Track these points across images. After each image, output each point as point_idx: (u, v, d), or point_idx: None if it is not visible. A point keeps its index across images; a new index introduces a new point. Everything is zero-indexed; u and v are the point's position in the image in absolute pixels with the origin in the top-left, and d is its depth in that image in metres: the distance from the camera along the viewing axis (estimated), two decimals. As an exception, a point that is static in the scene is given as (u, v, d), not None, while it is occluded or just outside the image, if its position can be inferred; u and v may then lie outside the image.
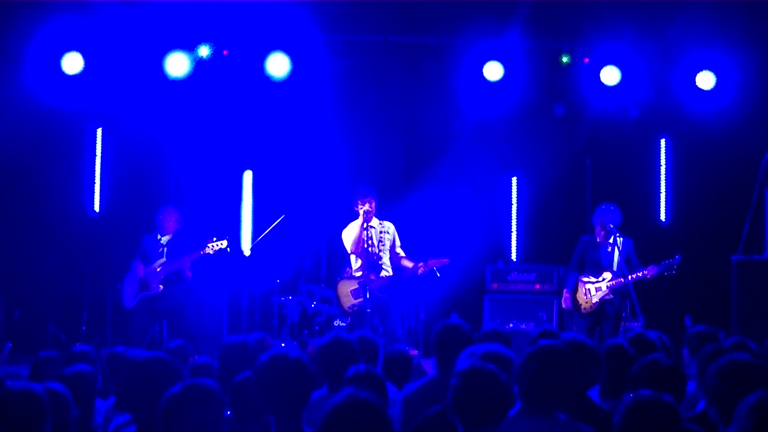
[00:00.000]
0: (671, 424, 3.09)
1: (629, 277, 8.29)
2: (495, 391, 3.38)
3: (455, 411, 3.41)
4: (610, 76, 10.28)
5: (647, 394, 3.15)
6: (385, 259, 8.63)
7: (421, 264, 8.49)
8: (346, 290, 8.59)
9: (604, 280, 8.52)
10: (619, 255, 8.46)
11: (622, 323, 8.52)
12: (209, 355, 6.12)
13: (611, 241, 8.51)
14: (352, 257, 8.68)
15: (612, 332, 8.29)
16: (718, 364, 3.55)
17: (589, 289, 8.56)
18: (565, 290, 8.74)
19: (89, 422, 4.26)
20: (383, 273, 8.56)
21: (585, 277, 8.61)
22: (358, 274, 8.59)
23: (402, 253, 8.73)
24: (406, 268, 8.63)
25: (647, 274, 8.29)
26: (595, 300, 8.52)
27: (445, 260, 8.61)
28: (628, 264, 8.48)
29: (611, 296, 8.49)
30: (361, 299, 8.44)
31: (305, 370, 3.54)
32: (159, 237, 9.22)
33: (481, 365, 3.48)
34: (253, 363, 4.55)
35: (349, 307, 8.55)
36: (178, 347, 5.90)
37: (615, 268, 8.49)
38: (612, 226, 8.48)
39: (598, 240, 8.64)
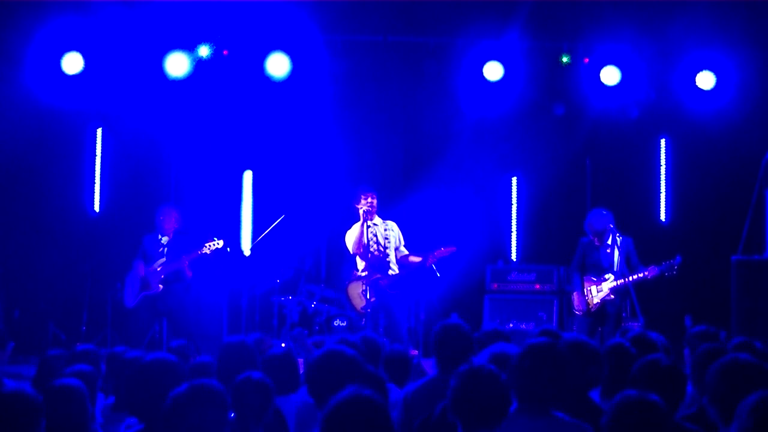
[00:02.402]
0: (658, 423, 3.07)
1: (630, 277, 8.31)
2: (495, 391, 3.38)
3: (455, 411, 3.40)
4: (610, 76, 10.28)
5: (633, 394, 3.14)
6: (392, 257, 8.71)
7: (428, 257, 8.57)
8: (356, 292, 8.66)
9: (605, 280, 8.54)
10: (619, 255, 8.48)
11: (622, 323, 8.53)
12: (209, 355, 6.12)
13: (609, 242, 8.55)
14: (357, 258, 8.73)
15: (613, 333, 8.30)
16: (719, 363, 3.54)
17: (590, 289, 8.60)
18: (576, 293, 8.72)
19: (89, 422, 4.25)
20: (390, 272, 8.65)
21: (586, 278, 8.65)
22: (364, 274, 8.63)
23: (406, 252, 8.80)
24: (413, 263, 8.69)
25: (648, 275, 8.32)
26: (596, 301, 8.55)
27: (453, 248, 8.67)
28: (628, 263, 8.50)
29: (612, 297, 8.51)
30: (372, 299, 8.51)
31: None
32: (160, 237, 9.27)
33: (480, 365, 3.48)
34: (253, 363, 4.56)
35: (362, 309, 8.60)
36: (180, 347, 5.89)
37: (616, 269, 8.51)
38: (612, 226, 8.50)
39: (596, 243, 8.67)
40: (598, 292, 8.55)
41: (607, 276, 8.53)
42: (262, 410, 3.70)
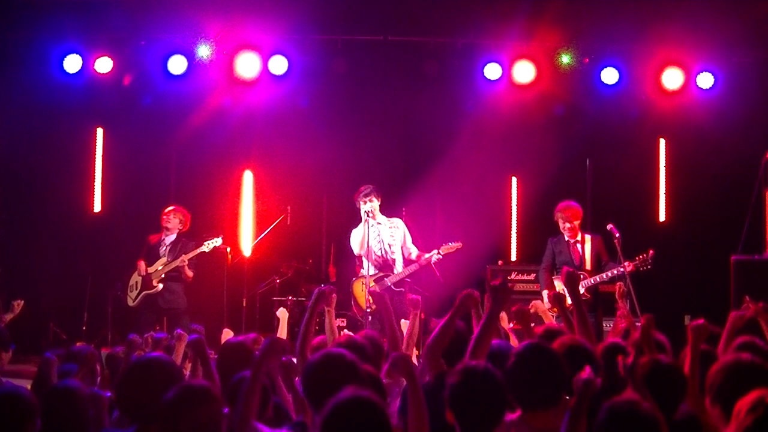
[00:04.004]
0: (650, 428, 3.05)
1: (605, 274, 8.33)
2: (492, 390, 3.37)
3: (453, 410, 3.39)
4: (610, 76, 10.30)
5: (623, 401, 3.10)
6: (398, 257, 8.73)
7: (434, 251, 8.66)
8: (361, 291, 8.67)
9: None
10: (590, 252, 8.51)
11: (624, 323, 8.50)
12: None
13: (579, 238, 8.57)
14: (363, 258, 8.75)
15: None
16: (722, 363, 3.54)
17: (563, 289, 8.56)
18: (549, 292, 8.70)
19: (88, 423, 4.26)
20: (396, 271, 8.67)
21: (557, 277, 8.61)
22: (370, 273, 8.67)
23: (413, 249, 8.85)
24: (420, 261, 8.72)
25: (623, 271, 8.27)
26: (569, 301, 8.51)
27: (459, 244, 8.68)
28: (599, 261, 8.52)
29: (588, 295, 8.50)
30: (373, 302, 8.50)
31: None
32: (163, 236, 9.31)
33: (477, 364, 3.47)
34: (252, 363, 4.55)
35: (368, 307, 8.59)
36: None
37: (588, 267, 8.53)
38: (576, 222, 8.54)
39: (566, 239, 8.67)
40: None
41: (580, 274, 8.54)
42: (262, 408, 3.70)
